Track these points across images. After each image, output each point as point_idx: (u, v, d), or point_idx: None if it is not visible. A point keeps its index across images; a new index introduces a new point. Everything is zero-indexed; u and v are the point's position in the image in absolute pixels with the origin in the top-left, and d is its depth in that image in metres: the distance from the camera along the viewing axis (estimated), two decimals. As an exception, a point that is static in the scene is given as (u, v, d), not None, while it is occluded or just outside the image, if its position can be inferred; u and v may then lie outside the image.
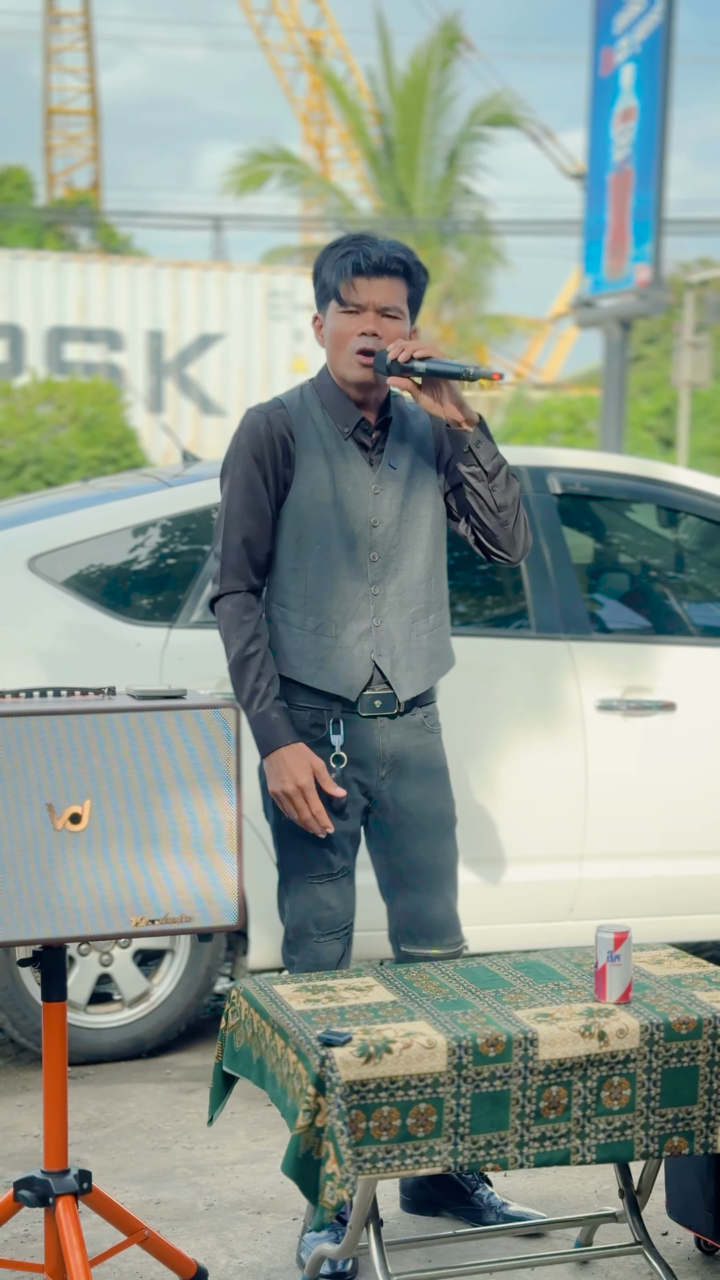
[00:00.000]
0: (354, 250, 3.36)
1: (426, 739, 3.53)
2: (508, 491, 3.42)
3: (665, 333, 29.46)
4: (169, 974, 4.68)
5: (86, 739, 2.88)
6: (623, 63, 16.89)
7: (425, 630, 3.50)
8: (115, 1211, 3.13)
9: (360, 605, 3.42)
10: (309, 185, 34.41)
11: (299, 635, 3.43)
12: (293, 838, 3.48)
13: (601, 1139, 2.92)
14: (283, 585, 3.44)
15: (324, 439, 3.42)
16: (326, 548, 3.41)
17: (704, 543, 5.35)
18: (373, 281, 3.36)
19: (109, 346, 21.65)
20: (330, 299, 3.41)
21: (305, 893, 3.49)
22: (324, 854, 3.47)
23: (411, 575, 3.47)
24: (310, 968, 3.50)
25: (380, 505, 3.44)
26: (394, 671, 3.45)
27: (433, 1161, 2.84)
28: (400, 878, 3.55)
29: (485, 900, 4.68)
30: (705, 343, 22.65)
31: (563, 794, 4.78)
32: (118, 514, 4.78)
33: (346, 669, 3.42)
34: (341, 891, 3.51)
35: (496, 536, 3.46)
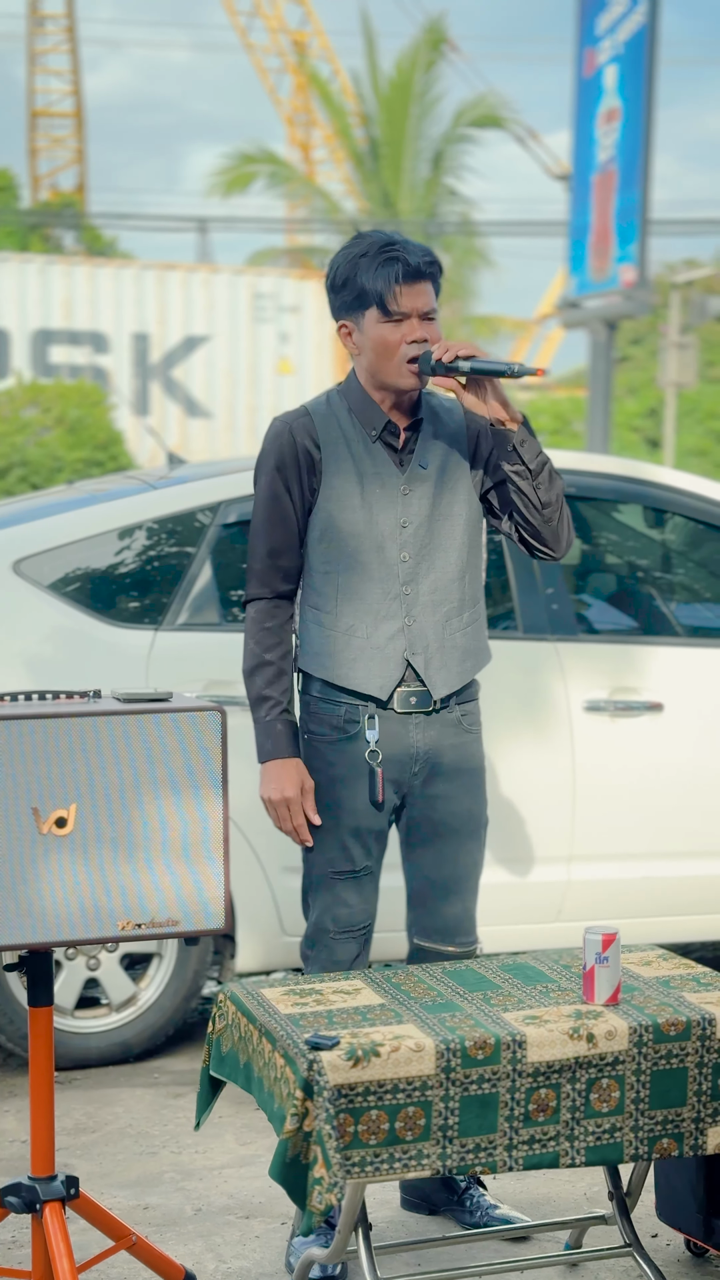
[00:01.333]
0: (394, 257, 3.36)
1: (464, 738, 3.54)
2: (551, 489, 3.44)
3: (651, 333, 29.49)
4: (156, 978, 4.67)
5: (72, 742, 2.87)
6: (606, 63, 16.90)
7: (459, 628, 3.51)
8: (103, 1217, 3.12)
9: (392, 605, 3.45)
10: (294, 187, 34.40)
11: (331, 636, 3.45)
12: (316, 833, 3.50)
13: (590, 1141, 2.91)
14: (315, 587, 3.47)
15: (351, 443, 3.45)
16: (357, 549, 3.43)
17: (691, 543, 5.35)
18: (414, 287, 3.37)
19: (94, 349, 21.62)
20: (368, 307, 3.40)
21: (325, 889, 3.50)
22: (346, 851, 3.49)
23: (445, 574, 3.49)
24: (324, 966, 3.51)
25: (410, 505, 3.46)
26: (428, 669, 3.47)
27: (421, 1165, 2.83)
28: (423, 874, 3.57)
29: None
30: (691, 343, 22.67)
31: (551, 795, 4.77)
32: (103, 517, 4.77)
33: (379, 668, 3.44)
34: (362, 890, 3.51)
35: (541, 533, 3.48)
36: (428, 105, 32.89)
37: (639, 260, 16.05)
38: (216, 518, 4.74)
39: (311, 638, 3.49)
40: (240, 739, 4.36)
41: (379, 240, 3.40)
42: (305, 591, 3.51)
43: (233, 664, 4.59)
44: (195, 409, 21.78)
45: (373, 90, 33.38)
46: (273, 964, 4.68)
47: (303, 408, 3.50)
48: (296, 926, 4.59)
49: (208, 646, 4.65)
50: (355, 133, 34.00)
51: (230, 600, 4.73)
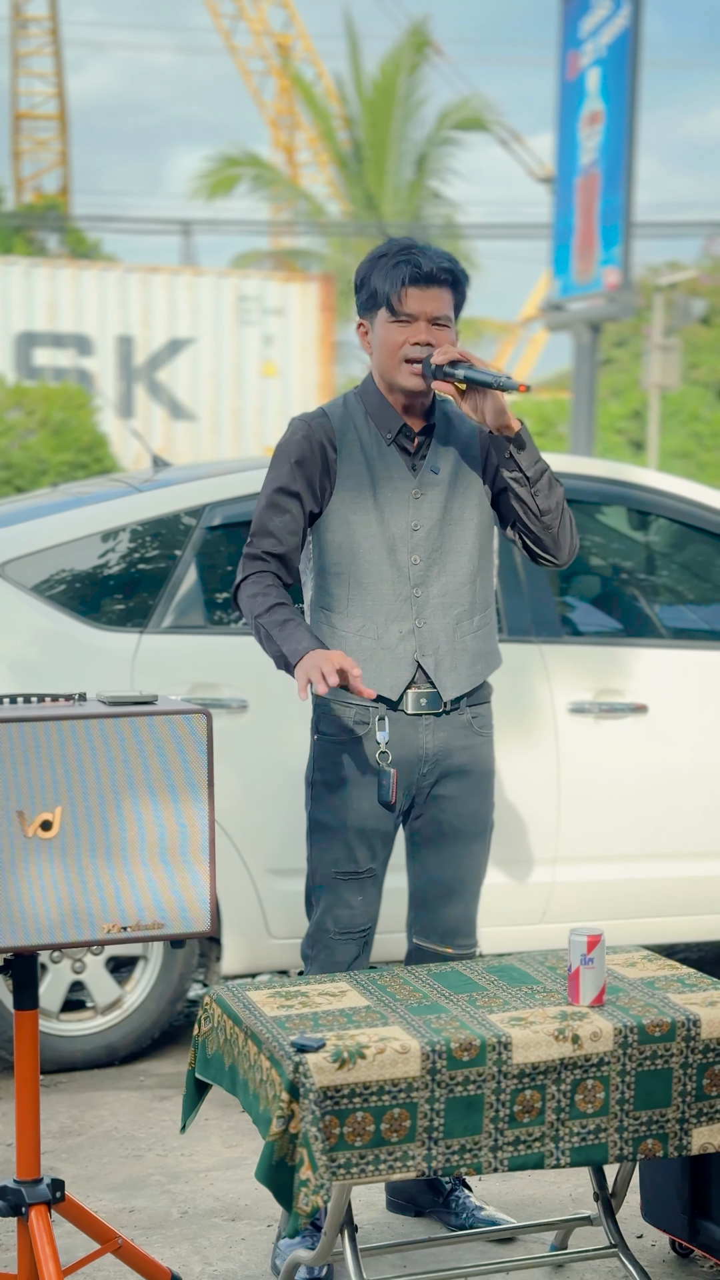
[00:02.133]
0: (406, 260, 3.40)
1: (474, 741, 3.56)
2: (550, 496, 3.46)
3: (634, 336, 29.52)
4: (142, 981, 4.67)
5: (57, 745, 2.87)
6: (589, 66, 16.92)
7: (470, 631, 3.53)
8: (88, 1220, 3.12)
9: (402, 607, 3.46)
10: (278, 190, 34.39)
11: (343, 637, 3.47)
12: (322, 833, 3.51)
13: (575, 1142, 2.91)
14: (327, 589, 3.49)
15: (365, 446, 3.47)
16: (369, 551, 3.46)
17: (675, 545, 5.36)
18: (425, 291, 3.40)
19: (78, 351, 21.59)
20: (379, 308, 3.45)
21: (328, 888, 3.52)
22: (351, 852, 3.50)
23: (456, 577, 3.50)
24: (324, 967, 3.52)
25: (421, 509, 3.48)
26: (438, 671, 3.48)
27: (407, 1167, 2.83)
28: (426, 875, 3.59)
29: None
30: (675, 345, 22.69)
31: (535, 797, 4.77)
32: (88, 519, 4.76)
33: (389, 669, 3.46)
34: (365, 892, 3.53)
35: (542, 540, 3.51)
36: (411, 108, 32.92)
37: (623, 263, 16.08)
38: (201, 520, 4.74)
39: (323, 638, 3.50)
40: (225, 742, 4.36)
41: (399, 244, 3.45)
42: (317, 593, 3.53)
43: (218, 667, 4.62)
44: (180, 412, 21.76)
45: (356, 93, 33.41)
46: (258, 966, 4.68)
47: (320, 409, 3.54)
48: (282, 929, 4.60)
49: (193, 649, 4.65)
50: (339, 135, 34.02)
51: (215, 603, 4.73)
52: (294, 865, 4.57)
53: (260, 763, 4.57)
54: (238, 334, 21.91)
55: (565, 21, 17.39)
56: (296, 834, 4.59)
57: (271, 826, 4.59)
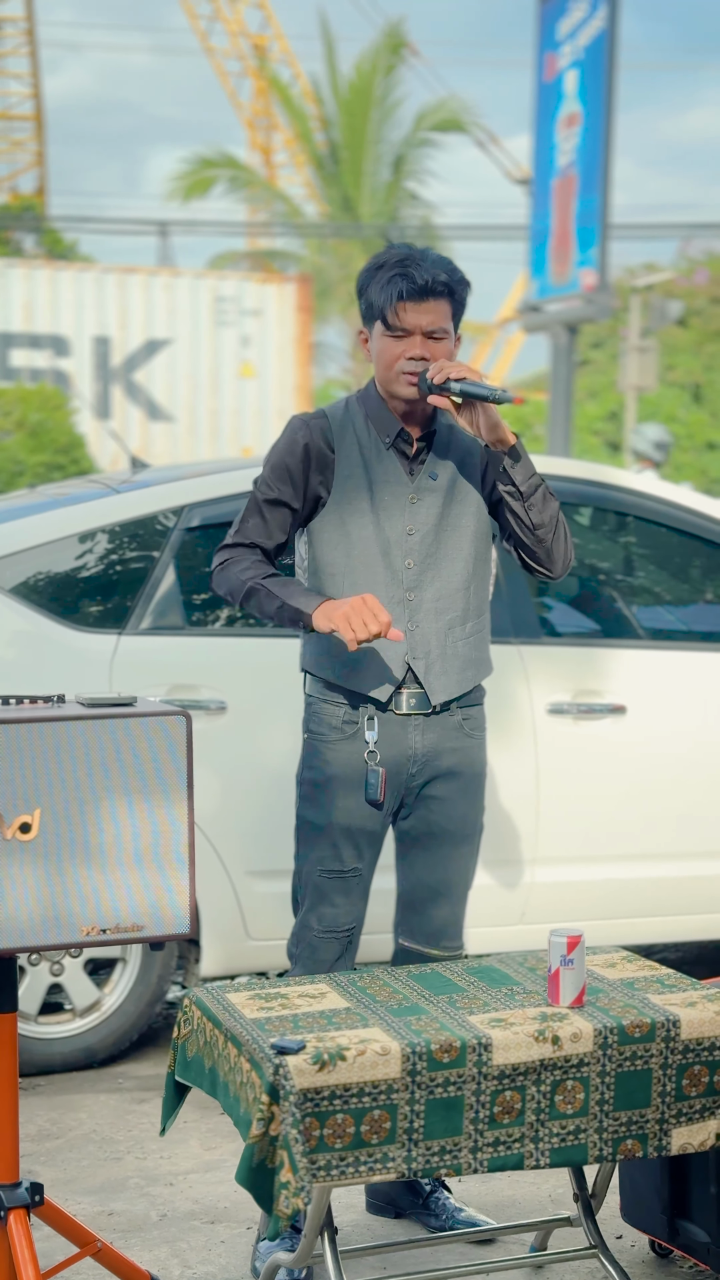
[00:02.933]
0: (401, 274, 3.40)
1: (465, 743, 3.56)
2: (545, 510, 3.48)
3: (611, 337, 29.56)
4: (120, 983, 4.66)
5: (36, 747, 2.85)
6: (566, 68, 16.93)
7: (462, 637, 3.54)
8: (67, 1224, 3.10)
9: (396, 609, 3.47)
10: (255, 191, 34.36)
11: (335, 637, 3.46)
12: (309, 831, 3.53)
13: (555, 1143, 2.91)
14: (319, 587, 3.51)
15: (364, 448, 3.49)
16: (364, 553, 3.47)
17: (653, 546, 5.37)
18: (419, 305, 3.40)
19: (55, 352, 21.55)
20: (376, 319, 3.46)
21: (312, 886, 3.53)
22: (336, 851, 3.51)
23: (450, 583, 3.52)
24: (307, 965, 3.53)
25: (417, 514, 3.49)
26: (427, 675, 3.49)
27: (387, 1168, 2.83)
28: (414, 876, 3.60)
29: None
30: (651, 346, 22.72)
31: (514, 798, 4.78)
32: (66, 520, 4.75)
33: (379, 670, 3.48)
34: (348, 892, 3.53)
35: (535, 553, 3.53)
36: (388, 109, 32.91)
37: (599, 264, 16.10)
38: (180, 521, 4.73)
39: (315, 638, 3.53)
40: (204, 743, 4.36)
41: (397, 255, 3.45)
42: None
43: (197, 668, 4.61)
44: (157, 413, 21.74)
45: (333, 94, 33.38)
46: (237, 968, 4.68)
47: (321, 410, 3.56)
48: (261, 931, 4.59)
49: (171, 651, 4.64)
50: (316, 136, 33.99)
51: (194, 604, 4.73)
52: (273, 867, 4.57)
53: (239, 764, 4.57)
54: (215, 335, 21.89)
55: (542, 23, 17.41)
56: (275, 835, 4.58)
57: (250, 828, 4.58)
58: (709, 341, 29.26)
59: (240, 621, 4.76)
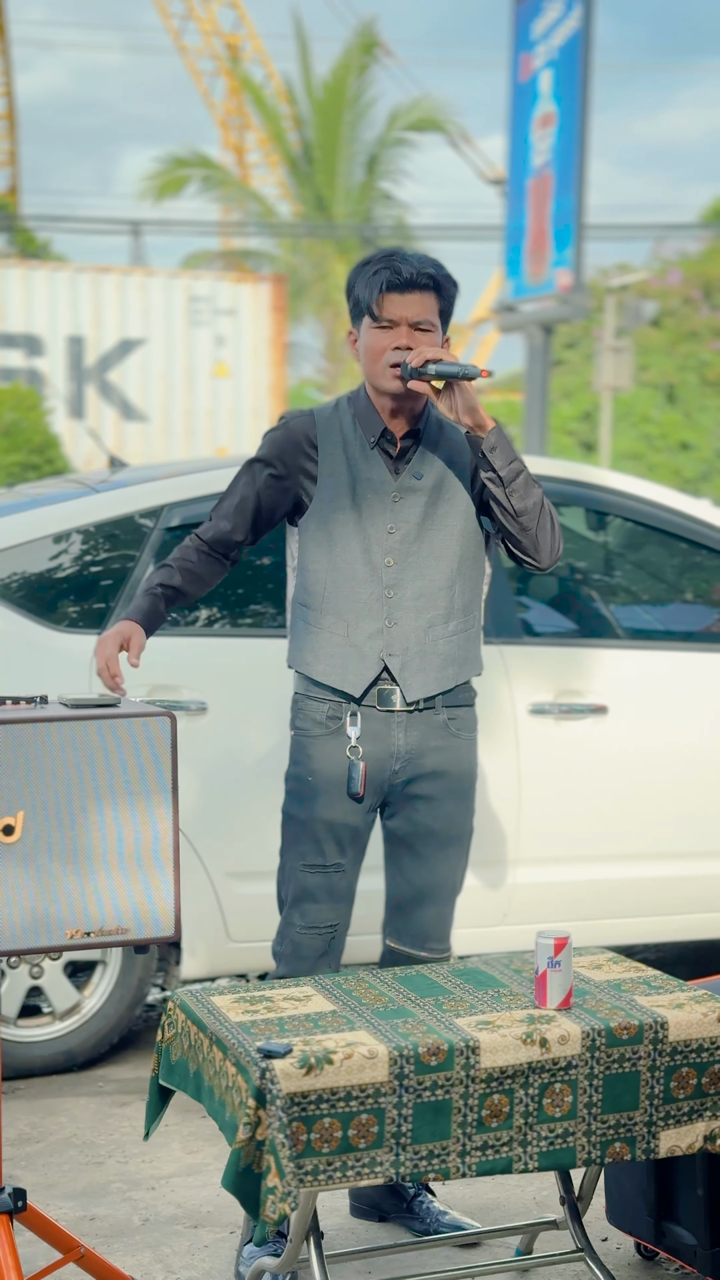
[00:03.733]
0: (385, 267, 3.44)
1: (450, 743, 3.55)
2: (527, 497, 3.45)
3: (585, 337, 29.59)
4: (100, 986, 4.63)
5: (19, 749, 2.83)
6: (541, 68, 16.93)
7: (444, 635, 3.53)
8: (50, 1230, 3.07)
9: (374, 606, 3.49)
10: (228, 190, 34.30)
11: (315, 632, 3.51)
12: (292, 826, 3.53)
13: (544, 1146, 2.90)
14: (304, 584, 3.53)
15: (348, 447, 3.50)
16: (345, 550, 3.49)
17: (634, 546, 5.36)
18: (404, 297, 3.43)
19: (29, 352, 21.47)
20: (364, 315, 3.49)
21: (294, 880, 3.53)
22: (317, 844, 3.51)
23: (433, 581, 3.52)
24: (289, 963, 3.52)
25: (400, 512, 3.50)
26: (403, 672, 3.50)
27: (374, 1173, 2.80)
28: (401, 877, 3.59)
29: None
30: (626, 347, 22.74)
31: (496, 798, 4.76)
32: (45, 520, 4.72)
33: (354, 665, 3.49)
34: (331, 887, 3.52)
35: (521, 542, 3.50)
36: (362, 109, 32.90)
37: (575, 264, 16.10)
38: (159, 521, 4.70)
39: (298, 633, 3.56)
40: (185, 744, 4.33)
41: (384, 252, 3.50)
42: (297, 589, 3.57)
43: (177, 669, 4.59)
44: (131, 412, 21.67)
45: (306, 94, 33.36)
46: (218, 970, 4.65)
47: (309, 410, 3.59)
48: (242, 933, 4.57)
49: (151, 651, 4.59)
50: (289, 136, 33.96)
51: (174, 605, 4.69)
52: (254, 868, 4.55)
53: (220, 765, 4.55)
54: (189, 335, 21.84)
55: (517, 23, 17.40)
56: (256, 837, 4.57)
57: (231, 830, 4.56)
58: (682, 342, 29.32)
59: (221, 622, 4.74)
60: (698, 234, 32.43)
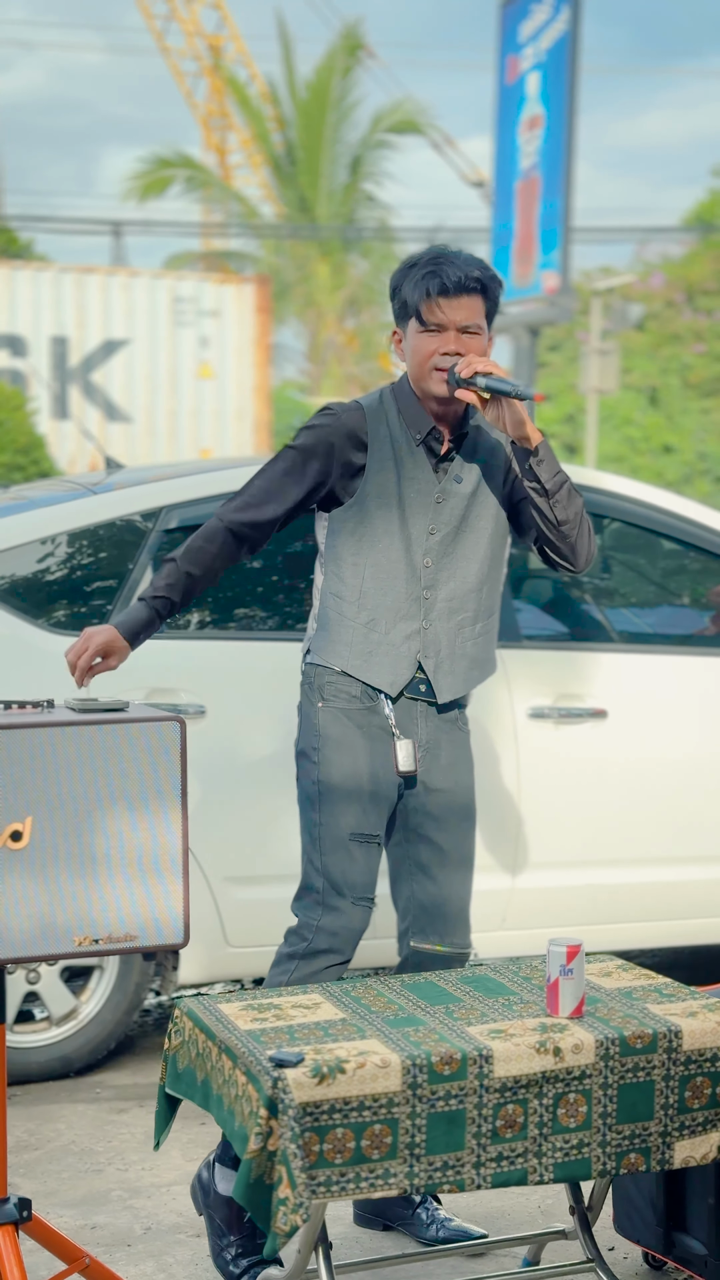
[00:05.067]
0: (434, 271, 3.42)
1: (458, 735, 3.60)
2: (569, 507, 3.47)
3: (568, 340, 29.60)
4: (98, 991, 4.59)
5: (27, 754, 2.79)
6: (528, 70, 16.92)
7: (471, 637, 3.55)
8: (55, 1239, 3.04)
9: (411, 607, 3.48)
10: (211, 191, 34.25)
11: (351, 628, 3.48)
12: (334, 795, 3.47)
13: (559, 1157, 2.86)
14: (341, 577, 3.50)
15: (395, 443, 3.48)
16: (387, 548, 3.47)
17: (634, 550, 5.33)
18: (452, 301, 3.42)
19: (12, 352, 21.39)
20: (410, 317, 3.47)
21: (344, 851, 3.47)
22: (366, 815, 3.48)
23: (464, 584, 3.53)
24: (336, 932, 3.44)
25: (441, 514, 3.50)
26: (436, 674, 3.51)
27: (388, 1184, 2.77)
28: (421, 866, 3.56)
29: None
30: (612, 350, 22.74)
31: (495, 803, 4.73)
32: (41, 522, 4.68)
33: (391, 664, 3.48)
34: (370, 858, 3.50)
35: (560, 548, 3.53)
36: (345, 111, 32.89)
37: (561, 267, 16.10)
38: (157, 523, 4.67)
39: (331, 625, 3.52)
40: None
41: (430, 253, 3.48)
42: (330, 579, 3.53)
43: (175, 672, 4.55)
44: (115, 413, 21.60)
45: (290, 95, 33.34)
46: (216, 976, 4.61)
47: (356, 401, 3.55)
48: (240, 938, 4.53)
49: (149, 654, 4.53)
50: (273, 137, 33.92)
51: (172, 607, 4.66)
52: (252, 873, 4.51)
53: (219, 769, 4.51)
54: (173, 335, 21.77)
55: (504, 25, 17.39)
56: (255, 842, 4.53)
57: (230, 834, 4.52)
58: (665, 345, 29.34)
59: (219, 625, 4.70)
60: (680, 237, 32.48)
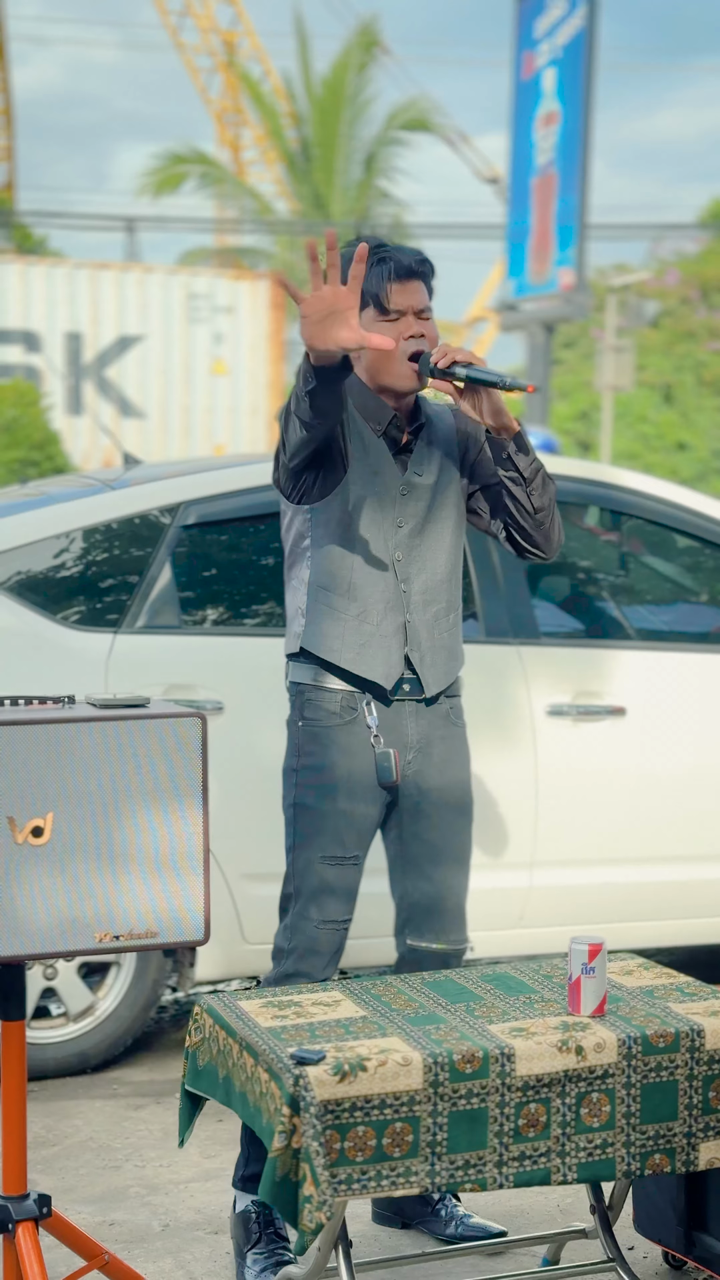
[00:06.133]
0: (385, 258, 3.40)
1: (452, 730, 3.55)
2: (544, 495, 3.46)
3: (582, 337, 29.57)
4: (114, 987, 4.58)
5: (49, 750, 2.78)
6: (544, 67, 16.88)
7: (446, 629, 3.53)
8: (74, 1236, 3.03)
9: (395, 599, 3.46)
10: (225, 188, 34.24)
11: (342, 620, 3.44)
12: (309, 818, 3.45)
13: (582, 1158, 2.85)
14: (329, 570, 3.45)
15: (364, 435, 3.44)
16: (368, 541, 3.44)
17: (653, 546, 5.32)
18: (407, 285, 3.41)
19: (27, 348, 21.41)
20: (365, 307, 3.41)
21: (315, 875, 3.45)
22: (339, 835, 3.45)
23: (435, 575, 3.50)
24: (301, 959, 3.44)
25: (406, 506, 3.47)
26: (422, 666, 3.48)
27: (410, 1182, 2.76)
28: (415, 864, 3.53)
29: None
30: (628, 347, 22.71)
31: (513, 800, 4.72)
32: (60, 517, 4.68)
33: (385, 657, 3.45)
34: (347, 880, 3.47)
35: (533, 536, 3.51)
36: (360, 107, 32.87)
37: (577, 263, 16.06)
38: (176, 519, 4.66)
39: (320, 619, 3.46)
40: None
41: (370, 244, 3.41)
42: (316, 572, 3.47)
43: (194, 668, 4.54)
44: (129, 409, 21.60)
45: (305, 91, 33.33)
46: (233, 973, 4.61)
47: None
48: (257, 934, 4.52)
49: (168, 650, 4.57)
50: (287, 134, 33.91)
51: (191, 603, 4.66)
52: (270, 870, 4.49)
53: (236, 766, 4.50)
54: (187, 331, 21.77)
55: (520, 21, 17.34)
56: (272, 838, 4.51)
57: (248, 831, 4.51)
58: (679, 342, 29.31)
59: (237, 621, 4.70)
60: (695, 234, 32.43)
